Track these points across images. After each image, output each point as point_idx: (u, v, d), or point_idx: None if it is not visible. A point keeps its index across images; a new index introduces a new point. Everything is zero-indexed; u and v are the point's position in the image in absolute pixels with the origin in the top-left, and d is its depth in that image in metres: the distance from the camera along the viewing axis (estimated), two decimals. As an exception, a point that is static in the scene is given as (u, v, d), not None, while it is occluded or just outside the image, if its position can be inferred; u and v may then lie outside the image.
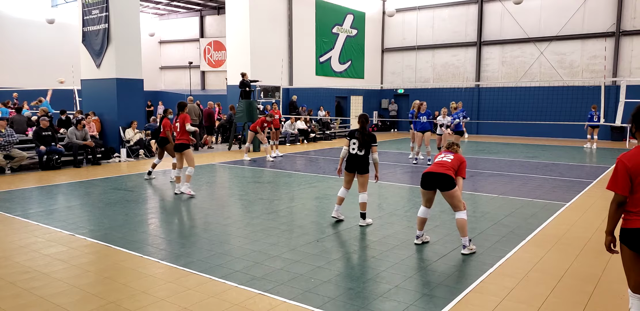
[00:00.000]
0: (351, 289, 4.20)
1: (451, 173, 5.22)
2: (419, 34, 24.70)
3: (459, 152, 5.53)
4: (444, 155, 5.49)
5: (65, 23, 22.84)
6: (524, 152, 15.25)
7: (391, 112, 25.82)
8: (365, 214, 6.37)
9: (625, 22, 19.70)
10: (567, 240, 5.73)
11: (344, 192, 6.50)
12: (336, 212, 6.57)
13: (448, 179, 5.17)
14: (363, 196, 6.32)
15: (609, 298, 4.06)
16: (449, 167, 5.26)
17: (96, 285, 4.33)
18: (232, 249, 5.32)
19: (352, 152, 6.33)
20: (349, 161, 6.39)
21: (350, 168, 6.35)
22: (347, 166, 6.39)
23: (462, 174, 5.34)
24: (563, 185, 9.43)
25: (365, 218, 6.38)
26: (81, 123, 12.08)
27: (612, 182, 3.02)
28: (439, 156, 5.53)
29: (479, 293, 4.14)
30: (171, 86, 29.71)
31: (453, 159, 5.37)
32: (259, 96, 17.17)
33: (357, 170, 6.31)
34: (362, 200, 6.31)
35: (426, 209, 5.47)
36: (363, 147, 6.26)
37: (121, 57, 13.61)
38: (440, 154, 5.58)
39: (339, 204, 6.53)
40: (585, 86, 19.12)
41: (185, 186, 8.33)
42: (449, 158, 5.40)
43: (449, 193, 5.19)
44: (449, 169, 5.24)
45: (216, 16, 27.69)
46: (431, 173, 5.28)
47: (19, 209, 7.29)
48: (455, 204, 5.23)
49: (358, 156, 6.28)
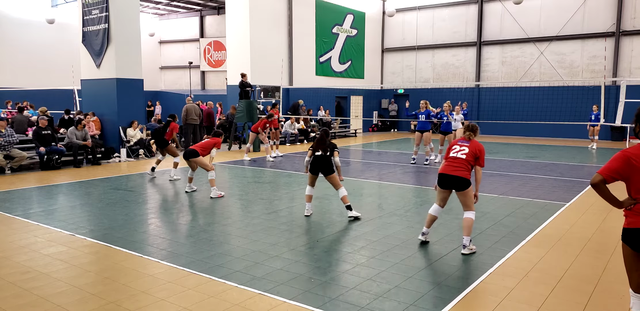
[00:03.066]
0: (351, 289, 4.20)
1: (465, 173, 5.17)
2: (418, 34, 24.70)
3: (473, 139, 5.33)
4: (459, 146, 5.34)
5: (65, 23, 22.84)
6: (524, 152, 15.25)
7: (391, 112, 25.82)
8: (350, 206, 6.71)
9: (625, 22, 19.70)
10: (567, 240, 5.73)
11: (310, 190, 6.95)
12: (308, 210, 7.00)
13: (462, 181, 5.17)
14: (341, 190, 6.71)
15: (609, 298, 4.06)
16: (463, 167, 5.19)
17: (96, 285, 4.33)
18: (232, 249, 5.32)
19: (316, 155, 6.73)
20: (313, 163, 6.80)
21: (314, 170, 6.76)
22: (312, 168, 6.78)
23: (481, 163, 5.23)
24: (563, 185, 9.43)
25: (351, 210, 6.70)
26: (81, 123, 12.08)
27: (605, 167, 3.03)
28: (454, 147, 5.39)
29: (479, 293, 4.14)
30: (171, 86, 29.70)
31: (468, 153, 5.21)
32: (258, 96, 17.17)
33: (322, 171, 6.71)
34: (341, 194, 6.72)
35: (438, 207, 5.47)
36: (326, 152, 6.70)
37: (121, 57, 13.60)
38: (455, 143, 5.44)
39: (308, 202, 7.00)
40: (585, 86, 19.12)
41: (213, 191, 8.28)
42: (464, 152, 5.24)
43: (463, 192, 5.22)
44: (463, 169, 5.18)
45: (216, 16, 27.68)
46: (445, 175, 5.26)
47: (19, 209, 7.29)
48: (468, 203, 5.23)
49: (322, 157, 6.69)
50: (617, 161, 3.00)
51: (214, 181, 8.32)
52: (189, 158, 8.39)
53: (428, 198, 8.28)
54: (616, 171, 2.99)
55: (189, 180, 8.73)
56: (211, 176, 8.33)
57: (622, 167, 2.98)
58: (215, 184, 8.33)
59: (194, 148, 8.46)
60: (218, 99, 21.08)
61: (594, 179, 3.03)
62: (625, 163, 2.97)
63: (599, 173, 3.01)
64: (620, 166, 2.98)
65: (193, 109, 15.57)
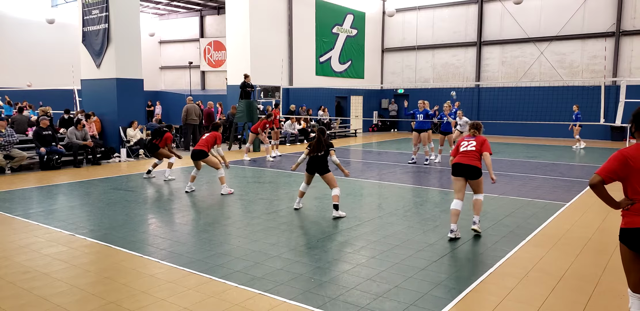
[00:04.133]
0: (351, 289, 4.20)
1: (477, 163, 5.79)
2: (419, 34, 24.70)
3: (477, 135, 6.06)
4: (467, 142, 5.96)
5: (65, 23, 22.85)
6: (524, 152, 15.25)
7: (391, 112, 25.83)
8: (337, 205, 6.82)
9: (625, 22, 19.70)
10: (567, 240, 5.73)
11: (305, 187, 7.19)
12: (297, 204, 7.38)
13: (475, 170, 5.77)
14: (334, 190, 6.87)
15: (609, 298, 4.06)
16: (475, 157, 5.81)
17: (96, 285, 4.33)
18: (232, 249, 5.32)
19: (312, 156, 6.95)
20: (309, 163, 7.03)
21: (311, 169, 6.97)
22: (309, 168, 6.99)
23: (487, 150, 5.86)
24: (563, 185, 9.43)
25: (337, 209, 6.82)
26: (81, 123, 12.08)
27: (603, 167, 3.04)
28: (462, 143, 6.00)
29: (479, 293, 4.14)
30: (171, 86, 29.71)
31: (476, 145, 5.87)
32: (259, 96, 17.18)
33: (318, 171, 6.90)
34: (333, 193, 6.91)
35: (459, 201, 5.80)
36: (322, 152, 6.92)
37: (121, 57, 13.60)
38: (462, 141, 6.04)
39: (300, 197, 7.28)
40: (585, 86, 19.12)
41: (224, 188, 8.47)
42: (472, 145, 5.89)
43: (475, 181, 5.84)
44: (475, 159, 5.80)
45: (216, 16, 27.69)
46: (460, 164, 5.83)
47: (19, 209, 7.29)
48: (479, 189, 5.91)
49: (318, 157, 6.90)
50: (614, 162, 3.00)
51: (224, 178, 8.49)
52: (199, 159, 8.45)
53: (428, 198, 8.28)
54: (614, 171, 2.99)
55: (192, 179, 8.75)
56: (220, 173, 8.46)
57: (620, 167, 2.98)
58: (225, 181, 8.52)
59: (200, 148, 8.45)
60: (218, 99, 21.08)
61: (592, 180, 3.04)
62: (622, 164, 2.97)
63: (597, 174, 3.01)
64: (617, 167, 2.98)
65: (193, 109, 15.58)
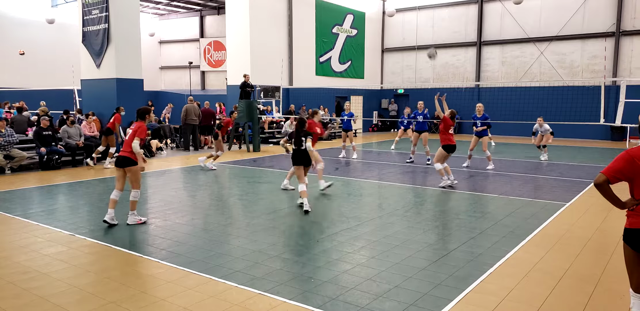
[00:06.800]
0: (351, 289, 4.20)
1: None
2: (419, 34, 24.70)
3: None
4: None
5: (65, 23, 22.84)
6: (524, 152, 15.25)
7: (391, 112, 25.83)
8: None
9: (625, 22, 19.70)
10: (567, 240, 5.73)
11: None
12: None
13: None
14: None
15: (609, 298, 4.06)
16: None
17: (96, 285, 4.33)
18: (232, 249, 5.32)
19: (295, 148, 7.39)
20: (294, 156, 7.44)
21: (298, 162, 7.41)
22: (294, 161, 7.44)
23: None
24: (563, 185, 9.43)
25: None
26: (69, 119, 12.04)
27: (609, 167, 3.03)
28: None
29: (479, 293, 4.14)
30: (171, 86, 29.70)
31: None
32: (258, 96, 17.17)
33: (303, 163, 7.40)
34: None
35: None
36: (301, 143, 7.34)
37: (121, 57, 13.60)
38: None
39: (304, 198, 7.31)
40: (585, 86, 19.11)
41: (131, 217, 6.34)
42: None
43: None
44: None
45: (216, 16, 27.69)
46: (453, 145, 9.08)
47: (19, 209, 7.29)
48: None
49: (301, 150, 7.36)
50: (621, 162, 2.99)
51: (135, 203, 6.35)
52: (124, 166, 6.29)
53: (428, 198, 8.28)
54: (620, 171, 2.98)
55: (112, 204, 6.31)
56: (134, 196, 6.27)
57: (626, 167, 2.97)
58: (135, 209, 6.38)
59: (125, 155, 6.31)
60: (218, 99, 21.08)
61: (597, 179, 3.01)
62: (629, 164, 2.96)
63: (603, 173, 3.00)
64: (624, 167, 2.97)
65: (193, 109, 15.58)
